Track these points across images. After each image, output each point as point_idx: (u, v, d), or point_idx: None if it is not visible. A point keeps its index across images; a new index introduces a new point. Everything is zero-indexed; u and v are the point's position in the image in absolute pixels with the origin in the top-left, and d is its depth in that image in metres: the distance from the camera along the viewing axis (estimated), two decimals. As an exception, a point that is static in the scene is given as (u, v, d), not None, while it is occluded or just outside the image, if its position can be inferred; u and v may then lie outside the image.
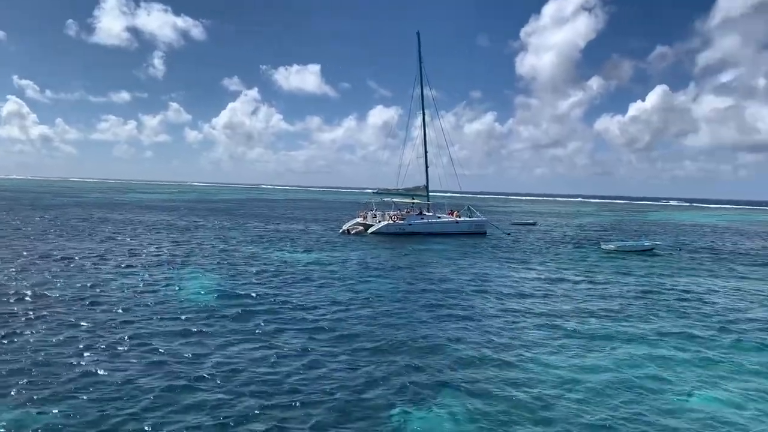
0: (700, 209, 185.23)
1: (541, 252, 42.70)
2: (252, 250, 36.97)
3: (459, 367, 14.22)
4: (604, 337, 17.70)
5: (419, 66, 59.24)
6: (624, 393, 12.82)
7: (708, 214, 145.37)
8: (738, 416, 11.76)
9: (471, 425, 10.76)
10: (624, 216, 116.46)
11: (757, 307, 23.50)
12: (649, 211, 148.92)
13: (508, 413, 11.38)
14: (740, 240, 60.94)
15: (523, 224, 76.04)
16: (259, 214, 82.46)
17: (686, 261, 39.51)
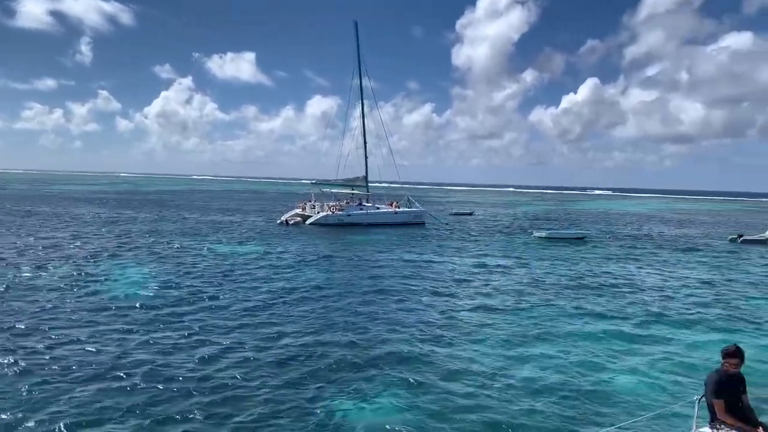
0: (627, 198, 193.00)
1: (477, 241, 43.45)
2: (186, 243, 36.00)
3: (395, 358, 14.22)
4: (535, 322, 18.14)
5: (357, 56, 59.03)
6: (555, 376, 13.14)
7: (635, 203, 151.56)
8: (660, 393, 12.25)
9: (406, 416, 10.77)
10: (557, 205, 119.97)
11: (679, 290, 24.63)
12: (580, 201, 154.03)
13: (441, 402, 11.45)
14: (664, 227, 63.82)
15: (460, 214, 77.15)
16: (194, 205, 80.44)
17: (614, 248, 41.03)
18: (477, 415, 10.81)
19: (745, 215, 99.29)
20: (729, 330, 17.94)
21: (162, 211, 64.51)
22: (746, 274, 29.89)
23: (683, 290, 24.85)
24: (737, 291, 24.95)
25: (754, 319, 19.49)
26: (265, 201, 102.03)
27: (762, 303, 22.39)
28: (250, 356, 14.02)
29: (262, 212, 68.91)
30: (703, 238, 51.59)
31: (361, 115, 59.85)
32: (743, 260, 36.05)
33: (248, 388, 11.94)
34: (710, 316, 19.83)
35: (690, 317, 19.62)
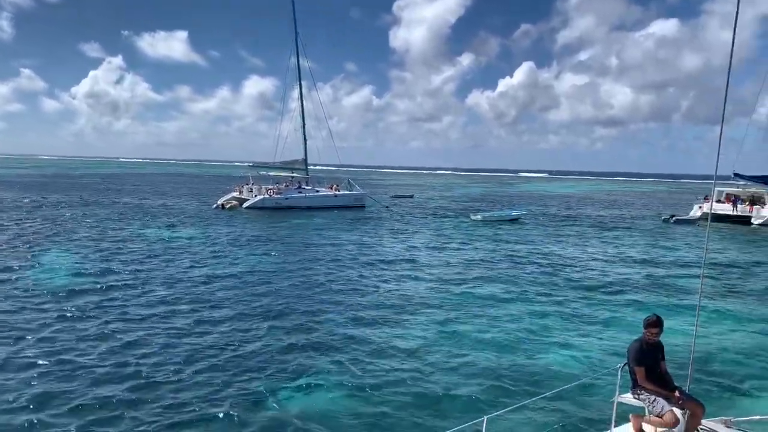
0: (562, 180, 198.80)
1: (417, 223, 43.83)
2: (115, 228, 34.73)
3: (331, 341, 14.19)
4: (470, 301, 18.48)
5: (295, 35, 57.89)
6: (487, 351, 13.42)
7: (569, 184, 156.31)
8: (586, 363, 12.71)
9: (340, 397, 10.76)
10: (494, 188, 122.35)
11: (609, 267, 25.60)
12: (516, 183, 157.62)
13: (375, 382, 11.51)
14: (597, 208, 66.14)
15: (401, 197, 77.54)
16: (125, 189, 77.64)
17: (548, 228, 42.24)
18: (412, 393, 10.91)
19: (670, 196, 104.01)
20: (652, 302, 18.80)
21: (91, 196, 61.98)
22: (674, 251, 31.35)
23: (614, 267, 25.86)
24: (664, 267, 26.16)
25: (676, 292, 20.49)
26: (201, 184, 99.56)
27: (685, 278, 23.53)
28: (179, 343, 13.67)
29: (197, 196, 67.25)
30: (638, 218, 53.77)
31: (300, 96, 59.03)
32: (673, 239, 37.78)
33: (179, 376, 11.65)
34: (636, 290, 20.74)
35: (617, 292, 20.48)
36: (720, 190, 51.46)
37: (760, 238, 39.31)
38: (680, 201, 77.65)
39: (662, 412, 6.00)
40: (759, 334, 15.48)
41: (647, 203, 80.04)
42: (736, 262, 28.05)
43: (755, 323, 16.73)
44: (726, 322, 16.67)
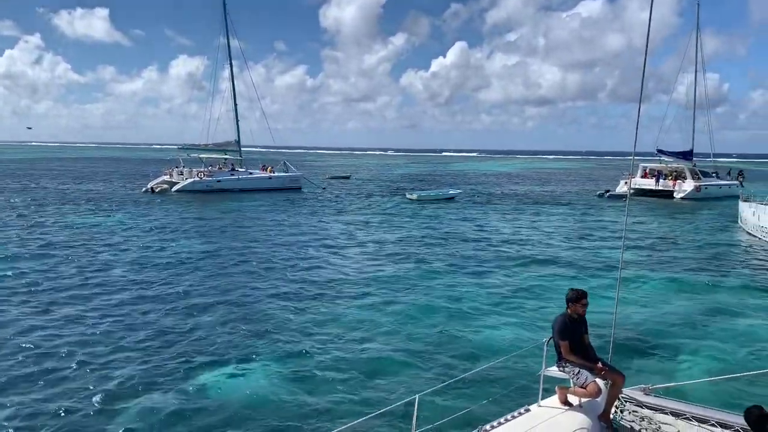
0: (495, 159, 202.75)
1: (353, 203, 43.74)
2: (41, 214, 33.00)
3: (268, 326, 13.94)
4: (405, 279, 18.59)
5: (224, 13, 56.14)
6: (420, 328, 13.53)
7: (503, 163, 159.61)
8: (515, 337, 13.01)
9: (279, 383, 10.59)
10: (431, 167, 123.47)
11: (541, 242, 26.29)
12: (452, 162, 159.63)
13: (314, 365, 11.41)
14: (529, 185, 67.84)
15: (337, 178, 77.13)
16: (48, 174, 73.89)
17: (484, 206, 42.99)
18: (345, 375, 10.87)
19: (599, 172, 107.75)
20: (578, 276, 19.44)
21: (8, 182, 58.65)
22: (603, 225, 32.47)
23: (547, 242, 26.59)
24: (593, 240, 27.08)
25: (601, 265, 21.23)
26: (129, 168, 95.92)
27: (610, 250, 24.42)
28: (106, 333, 13.14)
29: (125, 180, 64.75)
30: (573, 194, 55.45)
31: (231, 76, 57.45)
32: (604, 213, 39.14)
33: (107, 367, 11.19)
34: (565, 264, 21.40)
35: (548, 266, 21.08)
36: (644, 165, 53.63)
37: (681, 210, 41.28)
38: (608, 177, 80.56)
39: (586, 383, 6.15)
40: (677, 305, 16.24)
41: (578, 180, 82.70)
42: (659, 235, 29.35)
43: (674, 294, 17.55)
44: (647, 294, 17.42)
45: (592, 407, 6.11)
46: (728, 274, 20.26)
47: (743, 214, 31.68)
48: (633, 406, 6.38)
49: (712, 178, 52.35)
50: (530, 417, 5.92)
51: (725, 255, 24.23)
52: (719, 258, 23.41)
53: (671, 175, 51.06)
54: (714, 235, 29.58)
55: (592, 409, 6.08)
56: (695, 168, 51.39)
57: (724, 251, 25.16)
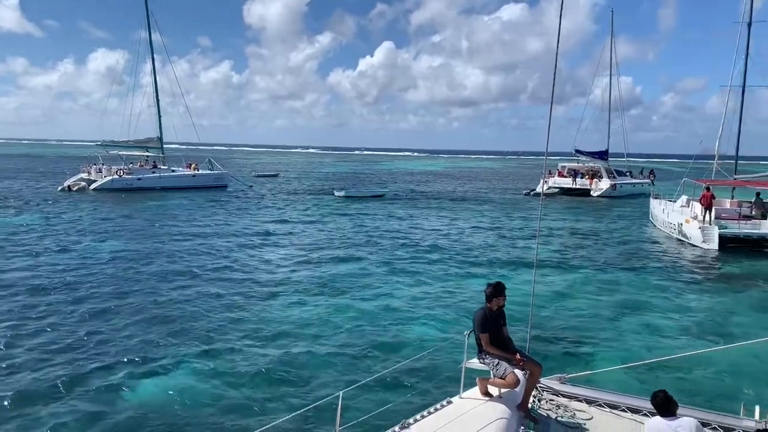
0: (422, 158, 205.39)
1: (281, 202, 43.24)
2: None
3: (191, 328, 13.60)
4: (332, 277, 18.56)
5: (145, 6, 54.18)
6: (351, 326, 13.57)
7: (430, 162, 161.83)
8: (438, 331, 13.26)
9: (205, 385, 10.35)
10: (359, 166, 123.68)
11: (466, 238, 26.87)
12: (380, 161, 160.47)
13: (242, 366, 11.23)
14: (456, 184, 69.14)
15: (265, 176, 76.01)
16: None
17: (411, 204, 43.47)
18: (271, 374, 10.76)
19: (520, 171, 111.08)
20: (498, 271, 20.02)
21: None
22: (524, 221, 33.50)
23: (471, 239, 27.22)
24: (512, 237, 27.92)
25: (518, 260, 21.94)
26: (45, 165, 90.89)
27: (528, 247, 25.26)
28: (23, 337, 12.46)
29: (40, 178, 61.37)
30: (498, 193, 56.87)
31: (152, 71, 55.57)
32: (527, 210, 40.36)
33: (24, 371, 10.62)
34: (486, 260, 21.99)
35: (471, 262, 21.61)
36: (563, 165, 55.76)
37: (598, 208, 43.19)
38: (532, 176, 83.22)
39: (505, 373, 6.34)
40: (591, 297, 17.04)
41: (503, 179, 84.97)
42: (576, 231, 30.64)
43: (589, 287, 18.40)
44: (563, 287, 18.14)
45: (511, 397, 6.31)
46: (639, 268, 21.41)
47: (653, 211, 33.52)
48: (549, 394, 6.65)
49: (626, 177, 55.04)
50: (452, 409, 6.06)
51: (637, 250, 25.57)
52: (631, 252, 24.69)
53: (588, 174, 53.33)
54: (627, 231, 31.15)
55: (511, 399, 6.28)
56: (610, 167, 53.91)
57: (636, 246, 26.55)
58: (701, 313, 15.60)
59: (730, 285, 19.24)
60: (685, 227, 27.13)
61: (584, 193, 51.34)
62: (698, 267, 21.97)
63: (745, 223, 26.27)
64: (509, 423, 5.81)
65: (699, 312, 15.73)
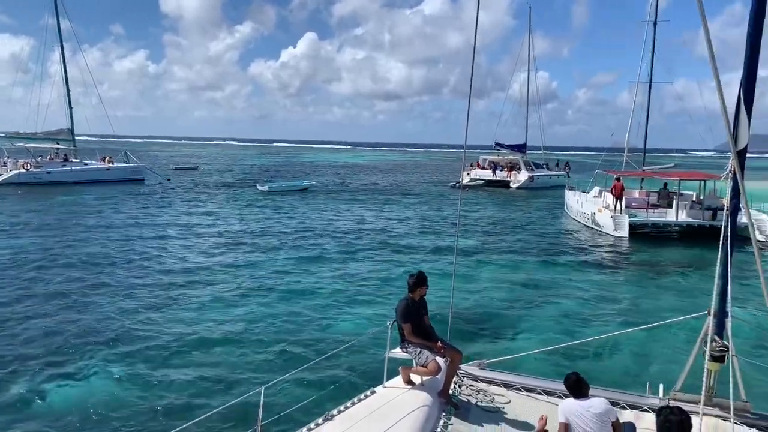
0: (347, 151, 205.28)
1: (201, 196, 42.11)
2: None
3: (110, 326, 13.01)
4: (254, 273, 18.29)
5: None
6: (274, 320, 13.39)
7: (356, 155, 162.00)
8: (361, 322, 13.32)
9: (121, 387, 9.93)
10: (283, 159, 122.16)
11: (386, 229, 27.07)
12: (305, 154, 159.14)
13: (161, 365, 10.85)
14: (379, 177, 69.51)
15: (184, 169, 73.75)
16: None
17: (336, 197, 43.37)
18: (191, 373, 10.48)
19: (445, 164, 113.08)
20: (423, 260, 20.32)
21: None
22: (449, 212, 34.11)
23: (394, 229, 27.49)
24: (433, 227, 28.41)
25: (438, 249, 22.37)
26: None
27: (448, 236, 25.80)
28: None
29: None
30: (425, 185, 57.47)
31: (62, 59, 52.64)
32: (451, 201, 41.11)
33: None
34: (409, 250, 22.30)
35: (394, 252, 21.89)
36: (484, 158, 57.17)
37: (517, 199, 44.59)
38: (456, 168, 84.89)
39: (426, 361, 6.44)
40: (510, 285, 17.61)
41: (426, 171, 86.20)
42: (496, 221, 31.55)
43: (508, 275, 19.00)
44: (483, 276, 18.67)
45: (433, 384, 6.42)
46: (555, 256, 22.29)
47: (568, 202, 34.97)
48: (470, 380, 6.81)
49: (543, 169, 57.09)
50: (376, 398, 6.10)
51: (553, 239, 26.61)
52: (548, 242, 25.67)
53: (507, 166, 54.92)
54: (544, 221, 32.35)
55: (433, 387, 6.39)
56: (528, 160, 55.75)
57: (553, 235, 27.62)
58: (612, 298, 16.43)
59: (639, 270, 20.37)
60: (597, 216, 28.45)
61: (504, 185, 52.84)
62: (610, 254, 23.12)
63: (652, 211, 27.88)
64: (431, 409, 5.91)
65: (610, 297, 16.56)
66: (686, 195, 28.55)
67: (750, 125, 5.47)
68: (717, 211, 24.46)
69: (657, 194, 29.44)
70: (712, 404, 5.87)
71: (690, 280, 18.67)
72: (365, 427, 5.38)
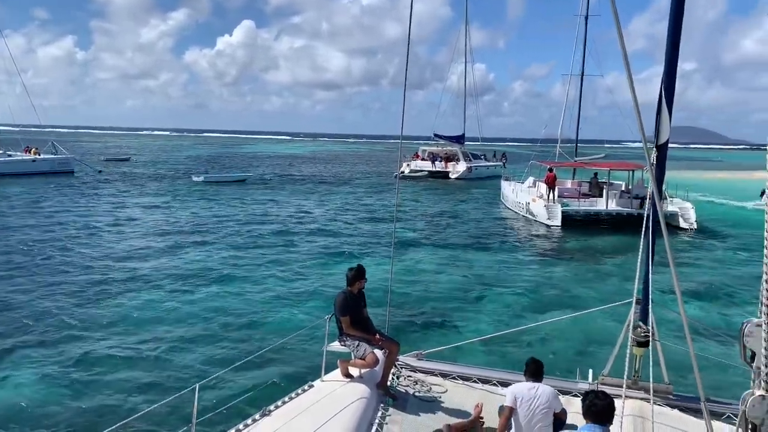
0: (287, 142, 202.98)
1: (134, 188, 40.76)
2: None
3: (38, 324, 12.43)
4: (190, 266, 17.87)
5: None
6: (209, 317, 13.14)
7: (294, 146, 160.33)
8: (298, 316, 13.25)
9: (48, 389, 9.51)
10: (221, 149, 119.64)
11: (326, 221, 26.96)
12: (244, 144, 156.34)
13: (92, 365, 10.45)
14: (320, 168, 69.11)
15: (116, 160, 71.14)
16: None
17: (275, 188, 42.82)
18: (125, 372, 10.16)
19: (386, 155, 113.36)
20: (362, 252, 20.37)
21: None
22: (385, 202, 34.25)
23: (333, 220, 27.40)
24: (379, 218, 28.49)
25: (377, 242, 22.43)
26: None
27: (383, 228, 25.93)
28: None
29: None
30: (368, 176, 57.44)
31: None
32: (376, 193, 41.24)
33: None
34: (347, 242, 22.32)
35: (332, 244, 21.86)
36: (423, 149, 57.65)
37: (456, 189, 45.23)
38: (395, 159, 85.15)
39: (364, 354, 6.46)
40: (448, 275, 17.87)
41: (367, 162, 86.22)
42: (435, 212, 31.93)
43: (446, 265, 19.25)
44: (421, 267, 18.87)
45: (371, 377, 6.45)
46: (492, 246, 22.76)
47: (504, 192, 35.74)
48: (408, 371, 6.88)
49: (480, 160, 58.06)
50: (314, 392, 6.09)
51: (490, 228, 27.16)
52: (485, 231, 26.19)
53: (446, 157, 55.57)
54: (482, 211, 32.97)
55: (371, 379, 6.42)
56: (467, 151, 56.57)
57: (490, 225, 28.19)
58: (547, 286, 16.93)
59: (572, 258, 21.07)
60: (531, 206, 29.21)
61: (444, 176, 53.45)
62: (544, 243, 23.80)
63: (584, 200, 28.84)
64: (369, 402, 5.94)
65: (545, 285, 17.06)
66: (616, 185, 29.67)
67: (671, 120, 5.72)
68: (644, 200, 25.46)
69: (588, 184, 30.46)
70: (637, 387, 6.14)
71: (620, 267, 19.43)
72: (303, 422, 5.35)
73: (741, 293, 15.94)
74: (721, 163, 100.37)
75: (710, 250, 22.62)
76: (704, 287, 16.80)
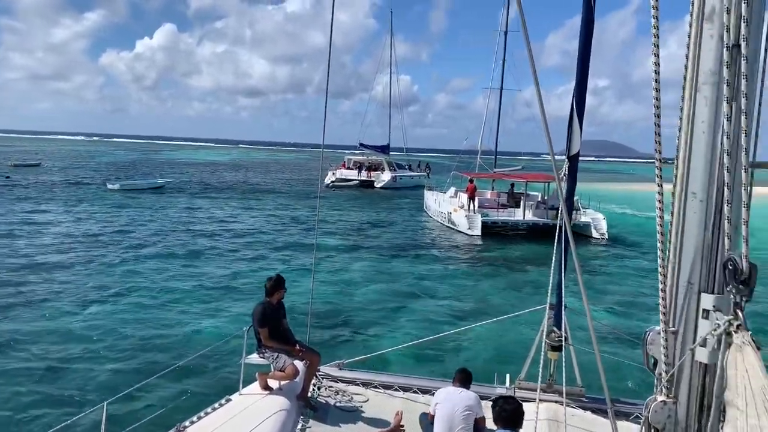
0: (210, 148, 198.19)
1: (44, 195, 38.60)
2: None
3: None
4: (103, 277, 17.12)
5: None
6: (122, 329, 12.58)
7: (218, 152, 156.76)
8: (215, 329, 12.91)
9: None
10: (139, 155, 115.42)
11: (245, 230, 26.46)
12: (164, 150, 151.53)
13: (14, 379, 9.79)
14: (243, 176, 67.85)
15: (24, 165, 67.15)
16: None
17: (194, 196, 41.64)
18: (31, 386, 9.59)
19: (312, 163, 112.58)
20: (282, 262, 20.10)
21: None
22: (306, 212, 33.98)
23: (252, 230, 26.95)
24: (299, 227, 28.21)
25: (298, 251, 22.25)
26: None
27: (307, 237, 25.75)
28: None
29: None
30: (289, 184, 56.81)
31: None
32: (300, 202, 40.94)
33: None
34: (268, 251, 22.05)
35: (251, 254, 21.54)
36: (349, 158, 57.78)
37: (380, 198, 45.53)
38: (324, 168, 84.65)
39: (284, 366, 6.35)
40: (370, 284, 17.92)
41: (292, 171, 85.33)
42: (360, 221, 32.00)
43: (368, 274, 19.35)
44: (344, 276, 18.82)
45: (291, 389, 6.35)
46: (414, 255, 23.03)
47: (428, 202, 36.29)
48: (329, 381, 6.82)
49: (405, 169, 58.78)
50: (231, 406, 5.92)
51: (413, 238, 27.50)
52: (408, 241, 26.49)
53: (371, 167, 55.90)
54: (405, 221, 33.33)
55: (291, 391, 6.32)
56: (392, 160, 57.15)
57: (413, 234, 28.54)
58: (466, 294, 17.30)
59: (491, 267, 21.62)
60: (453, 216, 29.80)
61: (369, 185, 53.70)
62: (465, 252, 24.32)
63: (502, 211, 29.71)
64: (288, 414, 5.85)
65: (465, 292, 17.42)
66: (532, 196, 30.74)
67: (582, 134, 5.99)
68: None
69: (506, 195, 31.41)
70: (552, 390, 6.35)
71: (536, 275, 20.09)
72: None
73: (647, 301, 16.85)
74: (632, 175, 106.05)
75: (620, 259, 23.79)
76: (614, 294, 17.65)
